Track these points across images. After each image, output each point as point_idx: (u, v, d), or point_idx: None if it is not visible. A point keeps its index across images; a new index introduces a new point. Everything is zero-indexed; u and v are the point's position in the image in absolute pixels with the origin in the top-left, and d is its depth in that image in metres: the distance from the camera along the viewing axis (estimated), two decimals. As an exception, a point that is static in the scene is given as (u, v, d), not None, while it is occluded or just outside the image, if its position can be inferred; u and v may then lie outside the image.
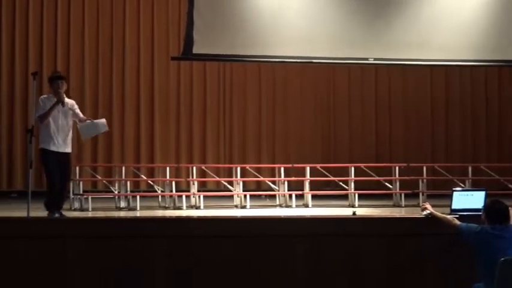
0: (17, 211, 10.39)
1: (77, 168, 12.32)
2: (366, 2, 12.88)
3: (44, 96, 9.88)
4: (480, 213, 8.12)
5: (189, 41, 12.44)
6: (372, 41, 12.76)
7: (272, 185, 13.21)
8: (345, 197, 12.83)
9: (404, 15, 12.89)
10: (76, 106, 9.94)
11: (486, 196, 9.33)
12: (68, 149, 9.79)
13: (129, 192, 12.21)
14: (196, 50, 12.45)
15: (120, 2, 15.60)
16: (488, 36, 12.99)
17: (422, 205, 8.36)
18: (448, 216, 7.97)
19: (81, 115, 9.96)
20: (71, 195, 11.78)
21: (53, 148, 9.61)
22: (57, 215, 9.47)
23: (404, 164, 13.41)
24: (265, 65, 15.20)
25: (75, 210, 11.45)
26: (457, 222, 7.75)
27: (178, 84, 15.79)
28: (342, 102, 16.45)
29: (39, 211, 9.53)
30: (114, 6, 15.56)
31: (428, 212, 8.14)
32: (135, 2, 15.65)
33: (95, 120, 10.14)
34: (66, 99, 9.78)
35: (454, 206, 9.08)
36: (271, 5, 12.62)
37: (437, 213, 8.03)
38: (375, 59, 12.91)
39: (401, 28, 12.83)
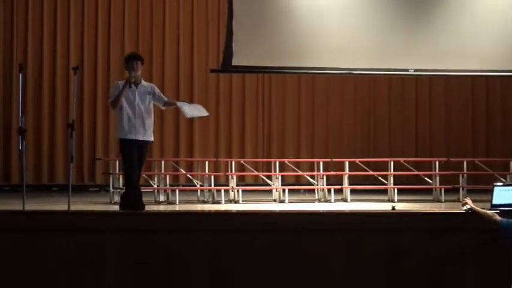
0: (58, 204, 10.47)
1: (117, 162, 12.40)
2: (406, 12, 12.84)
3: (120, 81, 9.48)
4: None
5: (228, 53, 12.47)
6: (412, 52, 12.75)
7: (311, 180, 13.19)
8: (384, 191, 12.76)
9: (444, 26, 12.85)
10: (157, 89, 9.49)
11: (528, 191, 9.24)
12: (150, 137, 9.38)
13: (168, 186, 12.26)
14: (235, 62, 12.48)
15: (159, 12, 15.55)
16: None
17: (463, 200, 8.29)
18: (489, 212, 7.88)
19: (165, 98, 9.57)
20: (111, 189, 11.85)
21: (132, 136, 9.18)
22: None
23: (445, 159, 13.30)
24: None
25: (115, 204, 11.51)
26: (498, 217, 7.67)
27: (218, 81, 15.77)
28: (382, 96, 16.34)
29: (79, 204, 9.60)
30: (154, 15, 15.53)
31: (469, 207, 8.07)
32: (175, 13, 15.59)
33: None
34: (145, 83, 9.44)
35: (495, 201, 8.99)
36: (311, 15, 12.61)
37: (478, 208, 7.94)
38: (415, 70, 12.91)
39: (442, 38, 12.80)
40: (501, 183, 10.18)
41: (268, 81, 16.05)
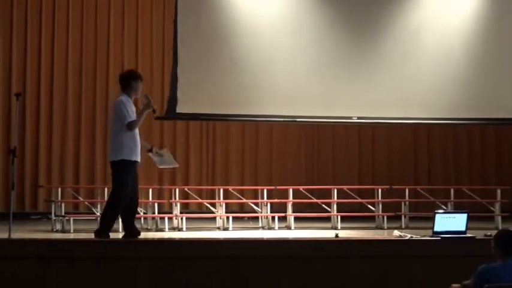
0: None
1: (59, 189, 12.25)
2: (350, 61, 13.14)
3: (123, 97, 9.00)
4: (462, 235, 8.14)
5: (173, 100, 12.53)
6: (355, 100, 13.04)
7: (255, 207, 13.20)
8: (328, 219, 12.82)
9: (387, 75, 13.22)
10: None
11: (468, 218, 9.38)
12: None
13: (111, 214, 12.14)
14: (179, 109, 12.53)
15: (103, 54, 15.41)
16: (470, 94, 13.38)
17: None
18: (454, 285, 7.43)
19: None
20: (53, 217, 11.71)
21: (135, 158, 8.88)
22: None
23: (387, 186, 13.43)
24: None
25: (56, 231, 11.37)
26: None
27: (163, 108, 15.68)
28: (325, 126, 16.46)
29: (20, 232, 9.46)
30: (98, 54, 15.39)
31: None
32: (119, 57, 15.44)
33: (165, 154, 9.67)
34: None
35: (437, 228, 9.13)
36: (256, 64, 12.79)
37: None
38: (359, 118, 13.17)
39: (385, 87, 13.13)
40: (442, 211, 10.31)
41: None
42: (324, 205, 13.02)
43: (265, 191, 12.98)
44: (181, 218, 12.03)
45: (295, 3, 13.27)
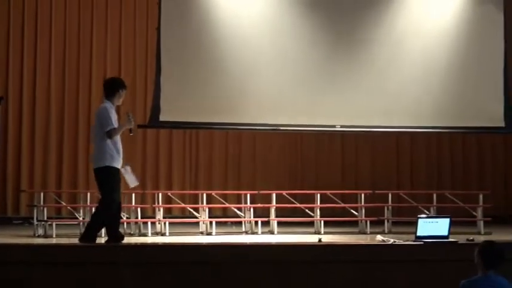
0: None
1: (41, 194, 12.20)
2: (334, 70, 13.19)
3: (107, 104, 9.12)
4: (445, 240, 8.17)
5: (156, 109, 12.51)
6: (339, 109, 13.10)
7: (238, 212, 13.19)
8: (311, 224, 12.83)
9: (370, 84, 13.31)
10: None
11: (451, 223, 9.43)
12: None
13: (94, 219, 12.10)
14: (163, 117, 12.53)
15: (86, 67, 15.31)
16: (453, 103, 13.45)
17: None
18: None
19: None
20: (35, 222, 11.66)
21: (118, 165, 9.04)
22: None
23: (370, 191, 13.46)
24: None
25: (38, 236, 11.32)
26: None
27: (145, 116, 15.63)
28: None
29: (2, 237, 9.41)
30: (81, 65, 15.35)
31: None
32: (101, 68, 15.42)
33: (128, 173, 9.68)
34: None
35: (419, 233, 9.17)
36: (240, 72, 12.80)
37: None
38: (342, 126, 13.25)
39: (368, 96, 13.20)
40: (425, 216, 10.34)
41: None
42: (307, 210, 13.02)
43: (248, 195, 12.98)
44: (164, 223, 12.00)
45: (279, 13, 13.28)
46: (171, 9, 12.72)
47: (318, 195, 13.05)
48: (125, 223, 12.19)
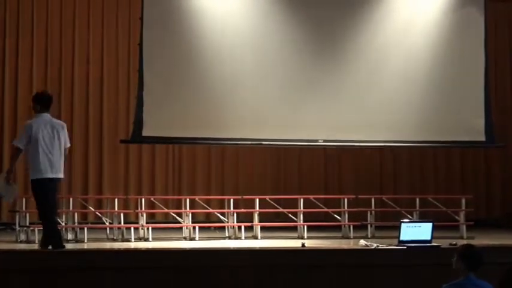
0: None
1: (23, 199, 12.15)
2: (316, 85, 13.18)
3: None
4: (428, 244, 8.18)
5: (138, 124, 12.47)
6: (321, 123, 13.11)
7: (221, 217, 13.18)
8: (294, 228, 12.83)
9: (353, 99, 13.30)
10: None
11: (433, 228, 9.46)
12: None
13: (76, 224, 12.06)
14: (145, 132, 12.49)
15: (68, 79, 15.34)
16: (435, 116, 13.50)
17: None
18: None
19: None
20: (17, 228, 11.60)
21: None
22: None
23: (353, 196, 13.48)
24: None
25: (21, 242, 11.25)
26: None
27: (128, 113, 15.61)
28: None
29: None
30: (63, 79, 15.32)
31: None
32: (84, 82, 15.41)
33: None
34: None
35: (402, 237, 9.20)
36: (222, 87, 12.79)
37: None
38: (324, 141, 13.24)
39: (350, 111, 13.23)
40: (408, 220, 10.38)
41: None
42: (290, 215, 13.03)
43: (231, 200, 12.96)
44: (148, 228, 11.98)
45: (259, 25, 13.23)
46: (153, 25, 12.68)
47: (301, 200, 13.05)
48: (108, 228, 12.16)
